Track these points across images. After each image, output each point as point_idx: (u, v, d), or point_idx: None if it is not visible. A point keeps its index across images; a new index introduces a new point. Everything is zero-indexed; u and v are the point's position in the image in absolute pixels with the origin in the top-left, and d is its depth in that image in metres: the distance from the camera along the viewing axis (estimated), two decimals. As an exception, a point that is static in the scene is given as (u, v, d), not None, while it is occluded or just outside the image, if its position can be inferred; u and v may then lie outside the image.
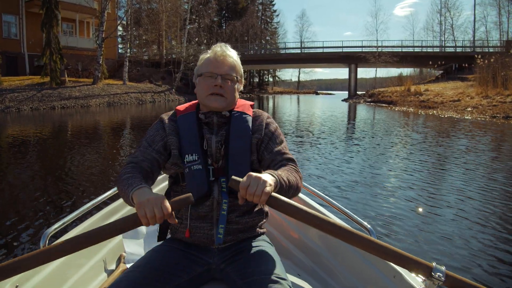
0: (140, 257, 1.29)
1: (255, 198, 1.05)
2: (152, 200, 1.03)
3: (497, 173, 5.54)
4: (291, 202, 1.07)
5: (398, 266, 1.16)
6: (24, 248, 2.91)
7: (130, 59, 33.44)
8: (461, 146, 8.07)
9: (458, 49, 38.65)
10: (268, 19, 67.78)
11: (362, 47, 38.45)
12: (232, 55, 1.43)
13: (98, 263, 1.72)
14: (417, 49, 38.11)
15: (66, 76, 24.71)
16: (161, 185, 2.41)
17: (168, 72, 35.68)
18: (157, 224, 1.19)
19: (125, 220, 1.05)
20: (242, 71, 1.48)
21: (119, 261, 1.80)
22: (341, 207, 1.63)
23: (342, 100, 35.06)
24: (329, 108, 24.25)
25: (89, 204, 1.66)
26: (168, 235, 1.43)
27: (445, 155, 7.14)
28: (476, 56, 21.84)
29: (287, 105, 29.47)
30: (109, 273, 1.72)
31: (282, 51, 46.06)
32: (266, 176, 1.10)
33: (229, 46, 1.47)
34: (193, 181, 1.31)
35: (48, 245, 1.06)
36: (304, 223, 1.14)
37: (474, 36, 42.08)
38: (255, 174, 1.08)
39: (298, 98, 46.71)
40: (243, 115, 1.42)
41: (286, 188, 1.19)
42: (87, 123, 13.84)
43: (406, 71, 42.54)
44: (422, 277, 0.98)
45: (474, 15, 42.73)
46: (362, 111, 20.67)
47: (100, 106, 22.22)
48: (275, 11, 68.48)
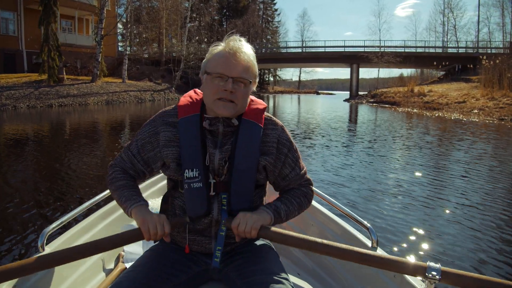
0: (139, 257, 1.30)
1: (246, 235, 1.14)
2: (156, 219, 1.14)
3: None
4: (281, 232, 1.12)
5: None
6: (23, 247, 2.87)
7: (130, 57, 33.09)
8: (480, 151, 7.66)
9: (462, 50, 38.34)
10: (269, 18, 67.44)
11: (365, 47, 38.13)
12: (248, 53, 1.25)
13: (97, 262, 1.72)
14: (420, 50, 37.82)
15: (65, 74, 24.31)
16: (160, 184, 2.37)
17: (168, 71, 35.33)
18: None
19: (129, 234, 1.14)
20: (257, 71, 1.31)
21: (118, 260, 1.81)
22: (342, 207, 1.63)
23: (344, 100, 34.79)
24: (332, 109, 23.92)
25: (87, 203, 1.67)
26: None
27: (469, 161, 6.61)
28: (481, 57, 21.49)
29: (289, 105, 29.14)
30: (108, 272, 1.73)
31: (284, 50, 45.67)
32: (259, 213, 1.18)
33: (245, 40, 1.28)
34: (192, 200, 1.24)
35: (51, 251, 1.08)
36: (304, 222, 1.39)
37: (478, 37, 41.76)
38: (245, 215, 1.16)
39: (299, 98, 46.35)
40: (253, 128, 1.27)
41: (284, 219, 1.25)
42: (84, 122, 13.50)
43: (407, 72, 42.20)
44: (420, 278, 0.99)
45: (478, 16, 42.40)
46: (366, 112, 20.30)
47: (99, 105, 21.86)
48: (276, 10, 68.21)
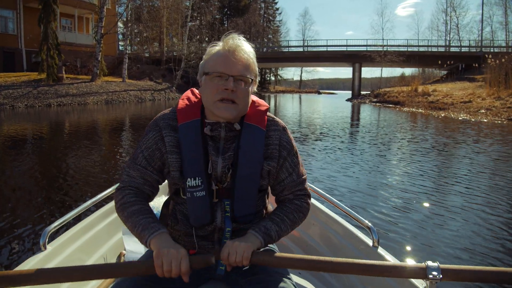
0: (140, 256, 1.28)
1: (238, 264, 1.07)
2: (173, 254, 1.00)
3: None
4: (275, 256, 1.08)
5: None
6: (25, 246, 2.88)
7: (130, 56, 32.79)
8: (502, 153, 7.28)
9: (465, 49, 37.95)
10: (271, 17, 67.14)
11: (367, 46, 37.81)
12: (247, 50, 1.21)
13: (99, 261, 1.70)
14: (423, 49, 37.45)
15: (64, 73, 24.01)
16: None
17: (169, 70, 35.04)
18: None
19: (139, 265, 1.04)
20: (257, 70, 1.27)
21: (119, 259, 1.79)
22: (344, 206, 1.61)
23: (346, 100, 34.49)
24: (335, 109, 23.59)
25: (89, 202, 1.65)
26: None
27: (492, 166, 6.25)
28: (487, 56, 21.14)
29: (291, 105, 28.85)
30: None
31: (285, 49, 45.35)
32: (248, 239, 1.10)
33: (243, 38, 1.23)
34: (196, 209, 1.20)
35: (62, 267, 1.04)
36: (306, 222, 1.36)
37: (482, 36, 41.34)
38: (232, 243, 1.08)
39: (301, 98, 46.02)
40: (256, 132, 1.22)
41: (276, 239, 1.18)
42: (83, 122, 13.22)
43: (408, 71, 41.80)
44: (421, 279, 0.96)
45: (482, 14, 41.97)
46: (370, 112, 19.95)
47: (98, 104, 21.59)
48: (278, 9, 67.93)
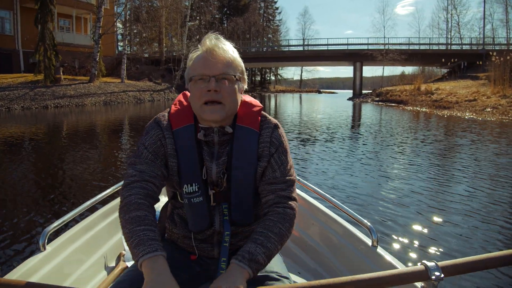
0: None
1: None
2: None
3: None
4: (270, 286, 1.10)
5: (401, 268, 1.24)
6: (25, 247, 2.87)
7: (129, 57, 32.45)
8: None
9: (466, 47, 37.58)
10: (270, 17, 66.80)
11: (368, 45, 37.40)
12: (226, 48, 1.16)
13: (98, 261, 1.70)
14: (425, 47, 37.07)
15: (62, 74, 23.70)
16: None
17: (168, 70, 34.70)
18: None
19: None
20: (243, 67, 1.21)
21: (119, 259, 1.77)
22: (343, 206, 1.61)
23: (348, 99, 34.13)
24: (337, 108, 23.21)
25: (88, 203, 1.64)
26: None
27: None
28: (491, 54, 20.77)
29: (292, 105, 28.51)
30: (109, 271, 1.70)
31: (285, 49, 45.00)
32: (232, 274, 0.99)
33: (223, 37, 1.19)
34: (194, 215, 1.21)
35: (49, 285, 0.97)
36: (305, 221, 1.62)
37: (484, 33, 40.98)
38: (217, 283, 0.97)
39: (301, 97, 45.70)
40: (249, 134, 1.20)
41: (266, 262, 1.07)
42: (80, 124, 12.85)
43: (408, 70, 41.42)
44: (422, 281, 0.94)
45: (484, 11, 41.59)
46: (374, 111, 19.55)
47: (96, 105, 21.24)
48: (277, 9, 67.56)
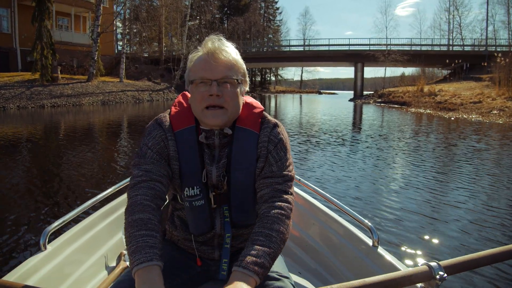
0: None
1: None
2: None
3: None
4: None
5: (402, 268, 1.27)
6: (25, 247, 2.87)
7: (128, 56, 32.09)
8: None
9: (468, 48, 37.27)
10: (271, 17, 66.47)
11: (370, 45, 37.05)
12: (229, 50, 1.14)
13: (99, 261, 1.69)
14: (427, 48, 36.71)
15: (59, 73, 23.32)
16: None
17: (168, 70, 34.33)
18: None
19: None
20: (245, 68, 1.19)
21: (120, 259, 1.76)
22: (344, 206, 1.61)
23: (349, 100, 33.81)
24: (340, 109, 22.85)
25: (89, 202, 1.64)
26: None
27: None
28: (496, 55, 20.43)
29: (293, 106, 28.15)
30: (110, 271, 1.69)
31: (286, 49, 44.64)
32: (238, 285, 0.93)
33: (225, 39, 1.17)
34: (195, 218, 1.20)
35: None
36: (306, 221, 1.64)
37: (487, 35, 40.63)
38: None
39: (301, 98, 45.34)
40: (248, 135, 1.18)
41: (271, 265, 1.01)
42: (77, 124, 12.47)
43: (408, 71, 41.08)
44: (427, 281, 0.92)
45: (487, 12, 41.23)
46: (377, 113, 19.15)
47: (94, 105, 20.89)
48: (278, 9, 67.24)
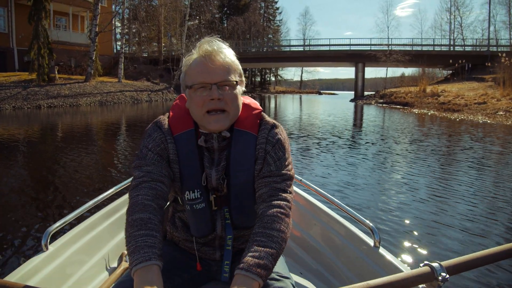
0: None
1: None
2: None
3: None
4: None
5: (403, 268, 1.27)
6: (27, 247, 2.86)
7: (127, 56, 31.74)
8: None
9: (472, 48, 36.99)
10: (271, 17, 66.12)
11: (371, 45, 36.75)
12: (225, 52, 1.13)
13: (100, 261, 1.69)
14: (429, 48, 36.44)
15: (56, 73, 22.97)
16: None
17: (167, 70, 33.97)
18: None
19: None
20: (241, 68, 1.18)
21: (121, 260, 1.76)
22: (345, 207, 1.61)
23: (350, 101, 33.50)
24: (342, 110, 22.51)
25: (91, 203, 1.65)
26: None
27: None
28: (500, 55, 20.13)
29: (292, 106, 27.82)
30: (111, 271, 1.69)
31: (286, 49, 44.31)
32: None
33: (219, 40, 1.15)
34: (196, 221, 1.19)
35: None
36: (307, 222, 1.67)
37: (489, 35, 40.37)
38: None
39: (301, 98, 45.01)
40: (247, 138, 1.17)
41: (273, 265, 0.99)
42: (74, 125, 12.13)
43: (408, 71, 40.78)
44: (429, 283, 0.91)
45: (490, 12, 41.01)
46: (380, 114, 18.79)
47: (91, 105, 20.53)
48: (278, 9, 66.91)
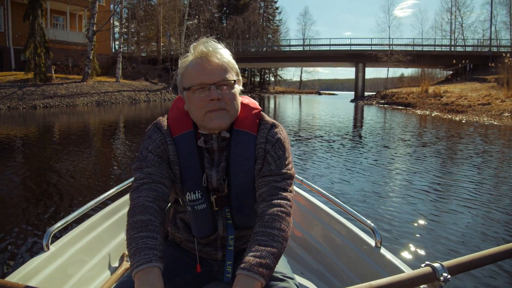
0: None
1: None
2: None
3: None
4: None
5: (404, 268, 1.25)
6: (29, 247, 2.83)
7: (125, 56, 31.37)
8: None
9: (472, 49, 36.78)
10: (270, 17, 65.80)
11: (372, 45, 36.47)
12: (221, 52, 1.14)
13: (101, 261, 1.69)
14: (430, 48, 36.20)
15: (53, 72, 22.60)
16: None
17: (165, 70, 33.61)
18: None
19: None
20: (237, 67, 1.19)
21: (122, 260, 1.76)
22: (346, 207, 1.62)
23: (351, 101, 33.22)
24: (343, 111, 22.16)
25: (92, 203, 1.64)
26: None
27: None
28: (504, 55, 19.85)
29: (291, 106, 27.50)
30: (112, 271, 1.69)
31: (286, 49, 44.00)
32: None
33: (214, 40, 1.15)
34: (198, 222, 1.19)
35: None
36: (308, 222, 1.69)
37: (491, 35, 40.14)
38: None
39: (301, 99, 44.71)
40: (246, 138, 1.17)
41: (275, 264, 0.98)
42: (71, 126, 11.76)
43: (407, 72, 40.62)
44: (430, 283, 0.91)
45: (492, 12, 40.83)
46: (383, 115, 18.43)
47: (88, 106, 20.16)
48: (277, 8, 66.56)
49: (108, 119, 14.56)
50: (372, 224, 1.45)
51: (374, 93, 34.54)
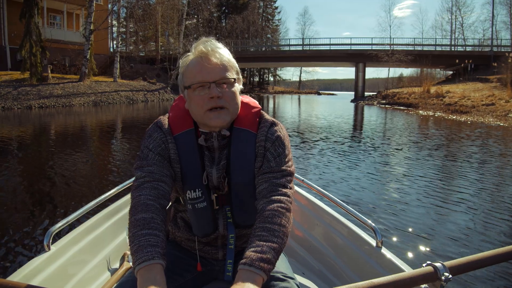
0: None
1: None
2: None
3: None
4: None
5: (405, 268, 1.26)
6: (30, 247, 2.85)
7: (123, 55, 30.98)
8: None
9: (472, 48, 36.57)
10: (270, 16, 65.50)
11: (372, 45, 36.20)
12: (221, 51, 1.15)
13: (102, 261, 1.69)
14: (430, 48, 35.96)
15: (49, 72, 22.19)
16: None
17: (164, 69, 33.24)
18: None
19: None
20: (237, 66, 1.20)
21: (123, 260, 1.77)
22: (347, 207, 1.61)
23: (351, 101, 32.96)
24: (344, 111, 21.85)
25: (92, 203, 1.64)
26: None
27: None
28: (508, 54, 19.59)
29: (292, 107, 27.20)
30: (113, 272, 1.69)
31: (285, 48, 43.68)
32: (245, 283, 0.90)
33: (214, 39, 1.17)
34: (198, 220, 1.19)
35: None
36: (309, 222, 1.72)
37: (492, 35, 39.89)
38: None
39: (300, 99, 44.43)
40: (246, 136, 1.18)
41: (276, 259, 0.96)
42: (68, 126, 11.40)
43: (406, 72, 40.41)
44: (432, 282, 0.90)
45: (493, 11, 40.57)
46: (385, 116, 18.13)
47: (85, 106, 19.80)
48: (277, 8, 66.26)
49: (105, 120, 14.20)
50: (373, 224, 1.45)
51: (374, 93, 34.26)
